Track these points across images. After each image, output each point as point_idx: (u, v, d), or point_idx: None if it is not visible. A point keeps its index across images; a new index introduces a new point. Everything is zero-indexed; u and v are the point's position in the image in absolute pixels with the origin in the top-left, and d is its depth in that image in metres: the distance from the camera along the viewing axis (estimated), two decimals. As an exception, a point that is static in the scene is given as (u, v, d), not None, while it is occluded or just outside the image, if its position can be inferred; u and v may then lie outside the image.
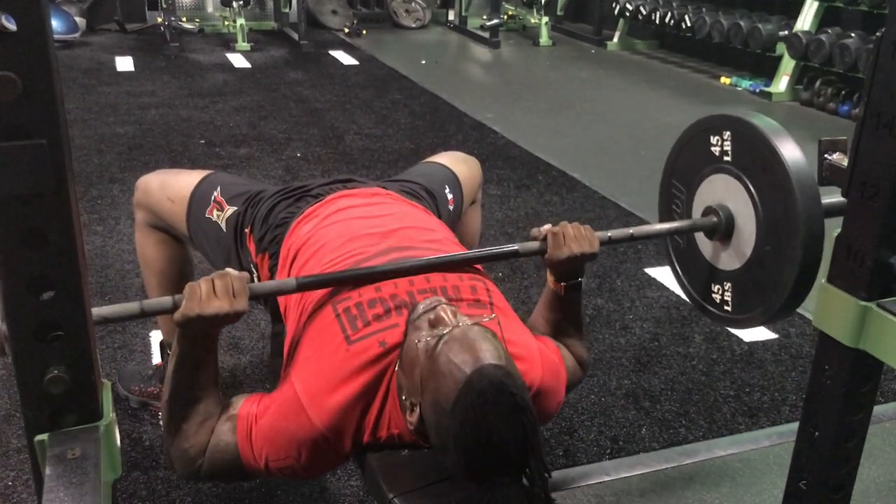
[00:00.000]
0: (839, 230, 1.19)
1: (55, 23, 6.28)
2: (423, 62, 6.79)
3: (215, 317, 1.20)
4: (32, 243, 0.84)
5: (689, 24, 6.38)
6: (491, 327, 1.22)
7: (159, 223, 1.83)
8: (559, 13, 8.46)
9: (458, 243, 1.57)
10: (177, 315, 1.20)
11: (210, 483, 1.79)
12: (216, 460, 1.25)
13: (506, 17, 8.22)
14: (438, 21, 8.77)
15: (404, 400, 1.20)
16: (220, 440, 1.25)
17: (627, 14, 7.17)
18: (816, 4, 5.57)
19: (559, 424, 2.09)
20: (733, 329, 2.59)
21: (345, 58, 6.78)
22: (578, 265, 1.45)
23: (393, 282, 1.34)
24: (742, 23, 5.90)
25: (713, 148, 1.59)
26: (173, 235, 1.84)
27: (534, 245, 1.45)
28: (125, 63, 6.19)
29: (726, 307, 1.61)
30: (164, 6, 6.75)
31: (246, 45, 6.83)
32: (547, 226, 1.46)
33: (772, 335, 2.56)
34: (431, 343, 1.14)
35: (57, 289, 0.88)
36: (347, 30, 7.89)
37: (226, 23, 7.25)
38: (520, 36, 8.27)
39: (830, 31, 5.30)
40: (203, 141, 4.36)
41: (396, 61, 6.63)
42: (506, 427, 1.06)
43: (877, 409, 1.63)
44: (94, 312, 1.17)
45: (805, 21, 5.60)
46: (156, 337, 2.36)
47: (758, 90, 5.90)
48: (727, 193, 1.57)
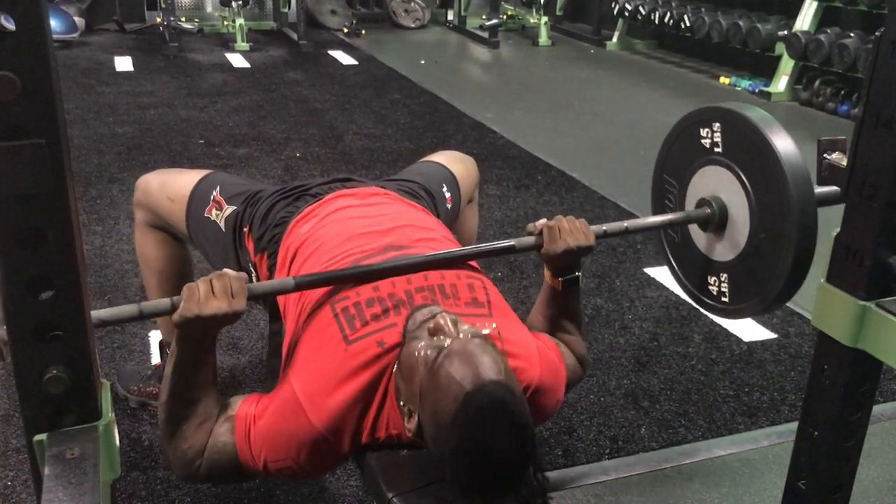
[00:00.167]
0: (838, 230, 1.19)
1: (54, 23, 6.28)
2: (423, 62, 6.79)
3: (214, 317, 1.20)
4: (31, 243, 0.84)
5: (689, 24, 6.39)
6: (490, 336, 1.21)
7: (159, 223, 1.83)
8: (558, 13, 8.47)
9: (456, 242, 1.57)
10: (175, 316, 1.20)
11: (208, 483, 1.79)
12: (214, 461, 1.25)
13: (505, 17, 8.22)
14: (438, 21, 8.77)
15: (402, 405, 1.19)
16: (219, 441, 1.25)
17: (626, 14, 7.18)
18: (815, 4, 5.57)
19: (558, 424, 2.09)
20: (728, 324, 2.59)
21: (344, 58, 6.78)
22: (575, 259, 1.45)
23: (391, 280, 1.34)
24: (741, 23, 5.90)
25: (703, 140, 1.59)
26: (173, 235, 1.84)
27: (530, 240, 1.45)
28: (124, 63, 6.19)
29: (724, 298, 1.62)
30: (163, 6, 6.75)
31: (245, 45, 6.83)
32: (542, 220, 1.46)
33: (771, 335, 2.56)
34: (431, 356, 1.13)
35: (56, 289, 0.88)
36: (346, 30, 7.90)
37: (225, 23, 7.25)
38: (519, 36, 8.27)
39: (829, 31, 5.31)
40: (202, 141, 4.36)
41: (396, 61, 6.63)
42: (504, 444, 1.06)
43: (876, 409, 1.64)
44: (92, 315, 1.17)
45: (804, 21, 5.61)
46: (155, 337, 2.35)
47: (757, 90, 5.91)
48: (719, 184, 1.57)
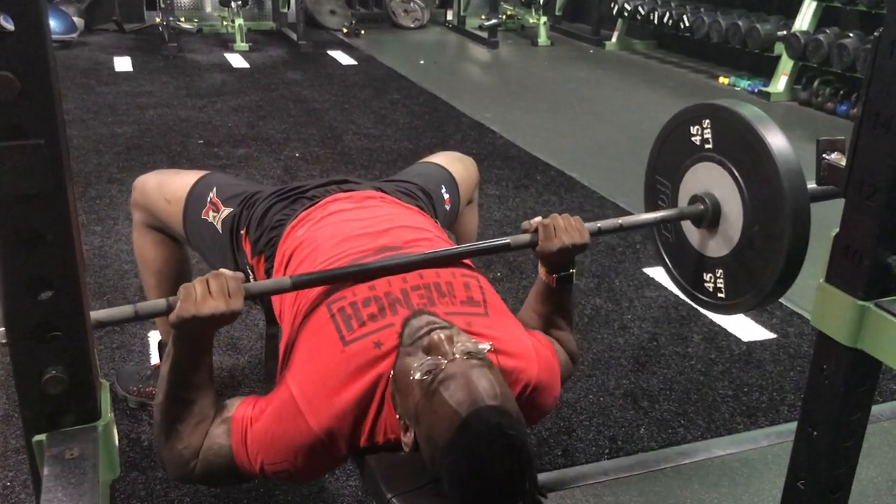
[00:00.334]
0: (837, 230, 1.19)
1: (53, 23, 6.27)
2: (422, 62, 6.79)
3: (211, 317, 1.19)
4: (30, 243, 0.84)
5: (688, 24, 6.39)
6: (487, 354, 1.21)
7: (156, 223, 1.83)
8: (557, 13, 8.47)
9: (451, 242, 1.57)
10: (172, 316, 1.19)
11: (203, 485, 1.79)
12: (210, 463, 1.25)
13: (504, 17, 8.23)
14: (437, 21, 8.77)
15: (399, 418, 1.19)
16: (215, 443, 1.24)
17: (626, 14, 7.18)
18: (815, 4, 5.57)
19: (558, 424, 2.09)
20: (726, 325, 2.59)
21: (343, 58, 6.78)
22: (570, 256, 1.46)
23: (387, 279, 1.33)
24: (740, 23, 5.90)
25: (693, 138, 1.59)
26: (170, 236, 1.84)
27: (525, 238, 1.46)
28: (123, 63, 6.19)
29: (720, 294, 1.62)
30: (163, 6, 6.74)
31: (244, 45, 6.83)
32: (537, 218, 1.46)
33: (770, 335, 2.56)
34: (427, 381, 1.12)
35: (55, 289, 0.88)
36: (346, 30, 7.89)
37: (224, 23, 7.25)
38: (518, 36, 8.27)
39: (829, 31, 5.31)
40: (201, 141, 4.36)
41: (395, 61, 6.63)
42: (500, 468, 1.06)
43: (875, 409, 1.64)
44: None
45: (803, 21, 5.61)
46: (154, 337, 2.35)
47: (756, 90, 5.91)
48: (711, 181, 1.58)
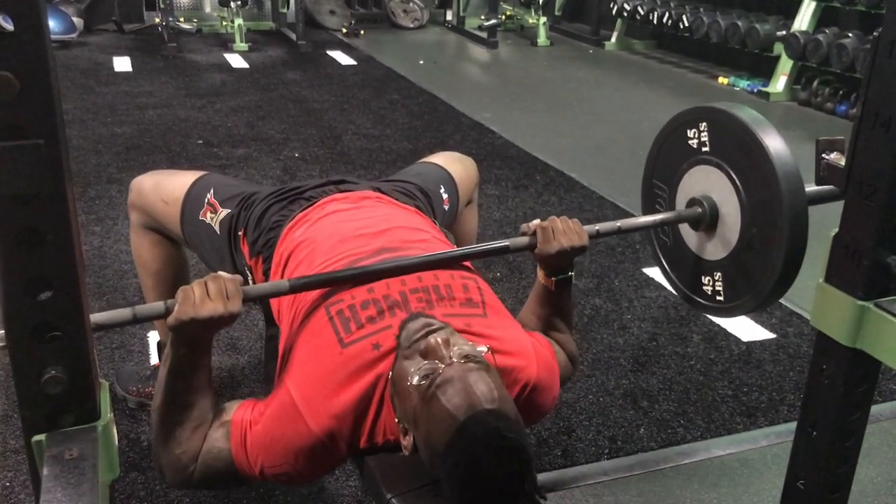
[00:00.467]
0: (836, 230, 1.19)
1: (52, 23, 6.27)
2: (421, 62, 6.78)
3: (210, 319, 1.19)
4: (30, 243, 0.84)
5: (687, 24, 6.39)
6: (485, 357, 1.21)
7: (154, 224, 1.82)
8: (557, 13, 8.47)
9: (448, 243, 1.57)
10: (170, 319, 1.19)
11: (202, 489, 1.79)
12: (209, 467, 1.24)
13: (504, 18, 8.23)
14: (436, 21, 8.77)
15: (398, 422, 1.19)
16: (214, 446, 1.24)
17: (625, 14, 7.18)
18: (814, 4, 5.58)
19: (557, 424, 2.09)
20: (726, 325, 2.59)
21: (343, 58, 6.78)
22: (568, 259, 1.45)
23: (385, 282, 1.33)
24: (739, 23, 5.90)
25: (690, 141, 1.59)
26: (168, 237, 1.84)
27: (524, 240, 1.46)
28: (123, 63, 6.18)
29: (719, 297, 1.62)
30: (162, 6, 6.75)
31: (244, 46, 6.83)
32: (536, 221, 1.46)
33: (770, 335, 2.56)
34: (424, 386, 1.12)
35: (54, 289, 0.87)
36: (345, 30, 7.89)
37: (223, 23, 7.25)
38: (518, 36, 8.27)
39: (828, 31, 5.31)
40: (201, 141, 4.36)
41: (394, 61, 6.63)
42: (499, 471, 1.06)
43: (874, 409, 1.64)
44: (87, 319, 1.17)
45: (802, 21, 5.61)
46: (154, 337, 2.35)
47: (755, 90, 5.91)
48: (709, 184, 1.58)
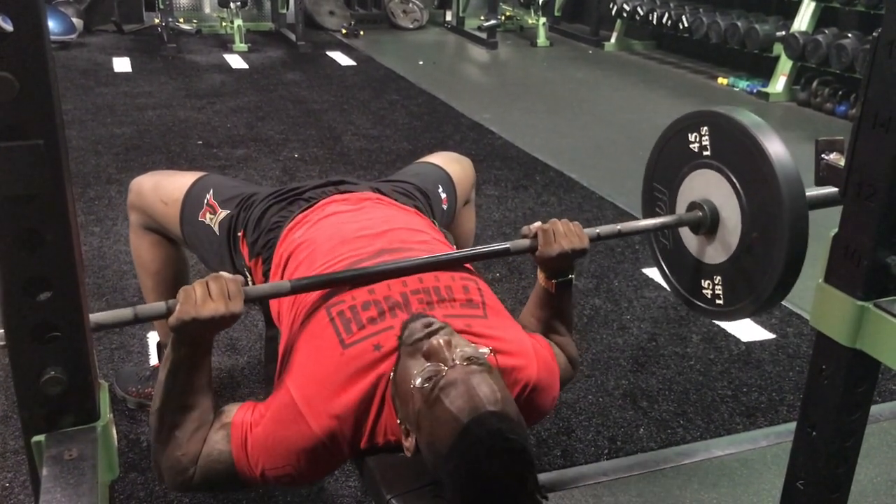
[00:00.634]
0: (836, 230, 1.19)
1: (52, 23, 6.27)
2: (421, 63, 6.79)
3: (211, 319, 1.19)
4: (29, 244, 0.84)
5: (687, 25, 6.39)
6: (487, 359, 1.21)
7: (153, 225, 1.82)
8: (556, 14, 8.47)
9: (448, 244, 1.58)
10: (172, 319, 1.19)
11: (201, 492, 1.78)
12: (209, 469, 1.23)
13: (503, 18, 8.22)
14: (436, 22, 8.77)
15: (400, 423, 1.20)
16: (214, 449, 1.23)
17: (625, 14, 7.18)
18: (813, 5, 5.58)
19: (557, 425, 2.09)
20: (725, 326, 2.59)
21: (342, 58, 6.78)
22: (568, 262, 1.46)
23: (386, 283, 1.33)
24: (739, 23, 5.90)
25: (692, 145, 1.59)
26: (168, 237, 1.84)
27: (524, 243, 1.46)
28: (122, 64, 6.18)
29: (718, 301, 1.62)
30: (162, 7, 6.74)
31: (243, 46, 6.83)
32: (537, 223, 1.46)
33: (769, 335, 2.57)
34: (427, 388, 1.12)
35: (54, 289, 0.87)
36: (345, 30, 7.89)
37: (223, 24, 7.24)
38: (517, 36, 8.27)
39: (827, 32, 5.31)
40: (200, 142, 4.36)
41: (394, 62, 6.63)
42: (501, 472, 1.06)
43: (874, 409, 1.64)
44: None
45: (802, 21, 5.61)
46: (153, 338, 2.35)
47: (755, 90, 5.91)
48: (709, 188, 1.57)
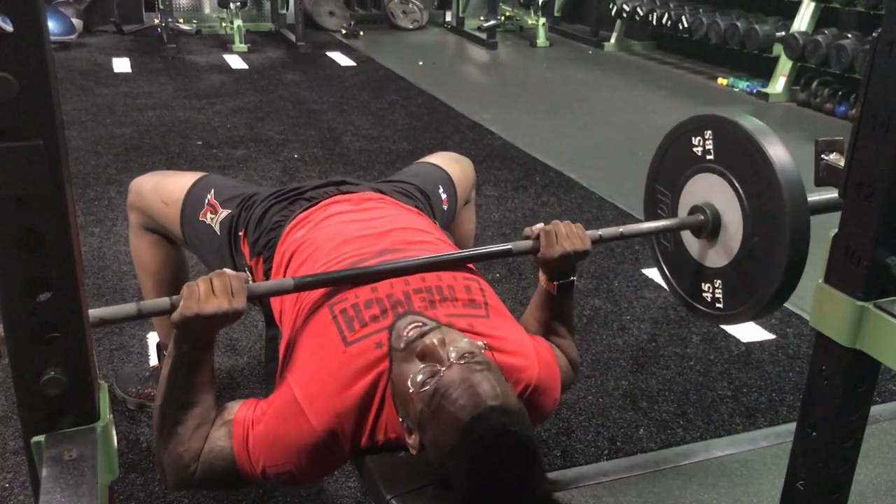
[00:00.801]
0: (836, 230, 1.19)
1: (52, 24, 6.27)
2: (421, 63, 6.79)
3: (214, 316, 1.19)
4: (29, 245, 0.84)
5: (686, 25, 6.39)
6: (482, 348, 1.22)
7: (153, 225, 1.82)
8: (556, 14, 8.47)
9: (451, 244, 1.58)
10: (175, 315, 1.19)
11: (202, 489, 1.78)
12: (211, 466, 1.23)
13: (503, 19, 8.23)
14: (436, 22, 8.78)
15: (402, 422, 1.20)
16: (216, 445, 1.23)
17: (624, 15, 7.18)
18: (813, 5, 5.58)
19: (557, 425, 2.09)
20: (725, 326, 2.59)
21: (342, 59, 6.78)
22: (570, 264, 1.46)
23: (389, 282, 1.34)
24: (739, 24, 5.90)
25: (695, 149, 1.60)
26: (168, 237, 1.84)
27: (527, 244, 1.46)
28: (122, 64, 6.18)
29: (718, 304, 1.62)
30: (161, 7, 6.75)
31: (243, 47, 6.83)
32: (539, 225, 1.46)
33: (769, 335, 2.56)
34: (428, 392, 1.12)
35: (53, 290, 0.87)
36: (345, 31, 7.89)
37: (223, 24, 7.25)
38: (517, 37, 8.27)
39: (827, 32, 5.31)
40: (200, 142, 4.36)
41: (393, 62, 6.63)
42: (508, 466, 1.06)
43: (874, 410, 1.64)
44: (91, 314, 1.17)
45: (802, 22, 5.61)
46: (153, 338, 2.35)
47: (755, 91, 5.91)
48: (712, 192, 1.58)
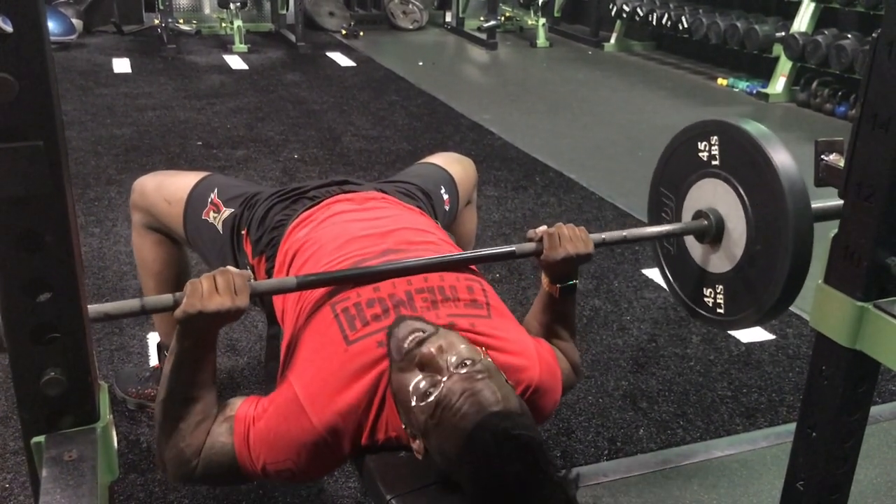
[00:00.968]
0: (836, 231, 1.19)
1: (52, 24, 6.27)
2: (421, 63, 6.79)
3: (217, 313, 1.19)
4: (29, 245, 0.84)
5: (686, 26, 6.39)
6: (481, 349, 1.22)
7: (156, 225, 1.83)
8: (556, 14, 8.47)
9: (454, 244, 1.58)
10: (178, 312, 1.19)
11: (204, 486, 1.79)
12: (211, 462, 1.24)
13: (503, 19, 8.23)
14: (435, 22, 8.78)
15: (405, 428, 1.20)
16: (217, 441, 1.24)
17: (624, 15, 7.18)
18: (813, 6, 5.58)
19: (557, 425, 2.09)
20: (726, 331, 2.59)
21: (342, 59, 6.78)
22: (573, 266, 1.46)
23: (391, 281, 1.34)
24: (739, 24, 5.90)
25: (701, 153, 1.59)
26: (170, 237, 1.84)
27: (530, 246, 1.46)
28: (122, 65, 6.19)
29: (719, 310, 1.62)
30: (161, 8, 6.75)
31: (243, 47, 6.83)
32: (542, 227, 1.46)
33: (769, 336, 2.56)
34: (429, 405, 1.12)
35: (53, 290, 0.87)
36: (344, 31, 7.90)
37: (223, 24, 7.25)
38: (517, 37, 8.28)
39: (827, 33, 5.31)
40: (200, 143, 4.36)
41: (393, 63, 6.63)
42: (515, 469, 1.06)
43: (874, 410, 1.64)
44: (95, 309, 1.17)
45: (802, 22, 5.61)
46: (153, 339, 2.35)
47: (754, 91, 5.91)
48: (716, 197, 1.58)
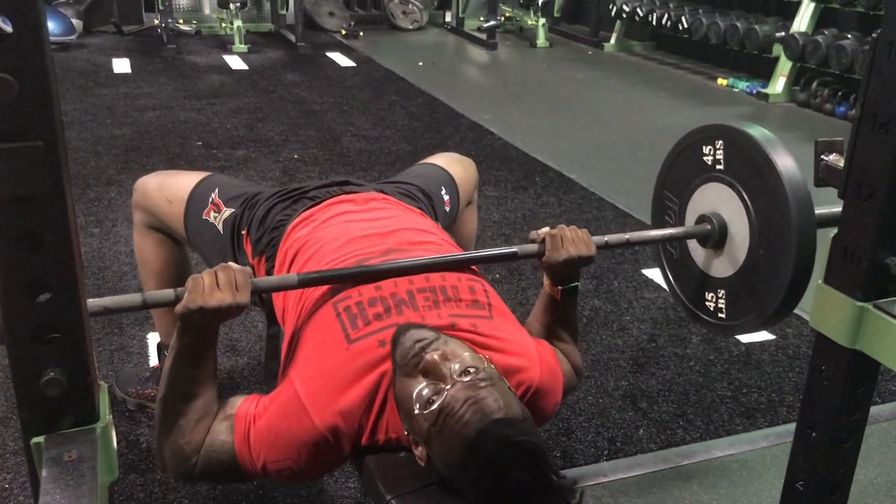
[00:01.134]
0: (836, 231, 1.19)
1: (51, 25, 6.27)
2: (420, 63, 6.79)
3: (217, 309, 1.19)
4: (29, 245, 0.84)
5: (686, 26, 6.39)
6: (482, 350, 1.23)
7: (157, 224, 1.83)
8: (556, 15, 8.47)
9: (455, 245, 1.58)
10: (179, 307, 1.20)
11: (204, 484, 1.79)
12: (211, 460, 1.24)
13: (503, 19, 8.23)
14: (435, 22, 8.78)
15: (407, 434, 1.20)
16: (217, 439, 1.24)
17: (624, 15, 7.18)
18: (813, 6, 5.58)
19: (557, 426, 2.09)
20: (727, 336, 2.59)
21: (342, 59, 6.78)
22: (575, 268, 1.46)
23: (393, 281, 1.34)
24: (739, 24, 5.91)
25: (705, 157, 1.59)
26: (171, 237, 1.84)
27: (532, 247, 1.46)
28: (122, 65, 6.19)
29: (720, 314, 1.62)
30: (161, 8, 6.76)
31: (243, 47, 6.83)
32: (545, 228, 1.46)
33: (769, 336, 2.56)
34: (432, 414, 1.13)
35: (53, 291, 0.88)
36: (344, 31, 7.90)
37: (223, 24, 7.25)
38: (517, 37, 8.28)
39: (827, 33, 5.31)
40: (200, 143, 4.36)
41: (393, 63, 6.63)
42: (518, 476, 1.06)
43: (874, 410, 1.64)
44: (96, 303, 1.17)
45: (801, 22, 5.62)
46: (153, 339, 2.35)
47: (754, 91, 5.91)
48: (719, 202, 1.57)
